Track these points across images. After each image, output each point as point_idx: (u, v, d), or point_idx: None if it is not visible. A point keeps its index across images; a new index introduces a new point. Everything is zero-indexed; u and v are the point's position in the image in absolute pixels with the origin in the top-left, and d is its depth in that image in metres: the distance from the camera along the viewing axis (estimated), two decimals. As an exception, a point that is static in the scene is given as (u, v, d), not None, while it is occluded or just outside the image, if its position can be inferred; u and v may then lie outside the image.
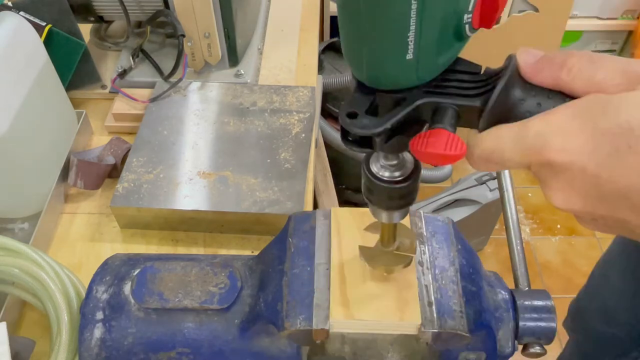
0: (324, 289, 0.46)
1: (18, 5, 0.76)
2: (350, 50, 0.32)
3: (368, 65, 0.32)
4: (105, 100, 0.88)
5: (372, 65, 0.32)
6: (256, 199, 0.67)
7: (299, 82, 0.90)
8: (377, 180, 0.38)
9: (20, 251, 0.55)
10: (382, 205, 0.40)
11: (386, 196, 0.39)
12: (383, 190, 0.38)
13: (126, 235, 0.70)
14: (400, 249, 0.47)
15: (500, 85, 0.32)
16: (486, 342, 0.47)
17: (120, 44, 0.92)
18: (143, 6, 0.83)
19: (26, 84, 0.66)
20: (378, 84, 0.33)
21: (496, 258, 1.83)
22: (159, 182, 0.69)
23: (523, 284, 0.54)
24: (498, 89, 0.32)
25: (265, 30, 0.99)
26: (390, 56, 0.31)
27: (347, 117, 0.33)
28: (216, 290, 0.50)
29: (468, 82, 0.34)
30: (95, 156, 0.75)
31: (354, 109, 0.33)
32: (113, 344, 0.49)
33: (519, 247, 0.56)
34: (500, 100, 0.32)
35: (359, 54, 0.32)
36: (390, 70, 0.32)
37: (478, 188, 1.59)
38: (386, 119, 0.33)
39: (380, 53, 0.31)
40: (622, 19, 1.98)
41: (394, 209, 0.41)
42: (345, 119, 0.33)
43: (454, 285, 0.46)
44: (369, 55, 0.31)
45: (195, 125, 0.76)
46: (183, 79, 0.83)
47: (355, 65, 0.33)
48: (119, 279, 0.52)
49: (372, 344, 0.49)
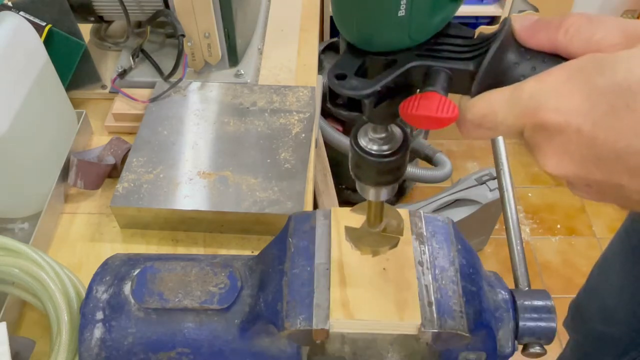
0: (324, 289, 0.46)
1: (18, 5, 0.76)
2: (341, 9, 0.31)
3: (359, 24, 0.31)
4: (105, 100, 0.88)
5: (362, 24, 0.31)
6: (256, 199, 0.67)
7: (299, 82, 0.90)
8: (366, 154, 0.37)
9: (20, 251, 0.55)
10: (370, 181, 0.39)
11: (375, 171, 0.38)
12: (371, 165, 0.38)
13: (126, 235, 0.70)
14: (387, 230, 0.46)
15: (493, 48, 0.31)
16: (486, 342, 0.47)
17: (120, 44, 0.92)
18: (143, 6, 0.83)
19: (26, 84, 0.66)
20: (369, 45, 0.32)
21: (496, 258, 1.83)
22: (159, 182, 0.69)
23: (523, 284, 0.54)
24: (492, 52, 0.31)
25: (265, 30, 0.99)
26: (381, 13, 0.30)
27: (335, 78, 0.32)
28: (216, 290, 0.50)
29: (461, 45, 0.33)
30: (95, 156, 0.75)
31: (343, 70, 0.32)
32: (113, 344, 0.49)
33: (519, 247, 0.56)
34: (494, 63, 0.31)
35: (349, 13, 0.31)
36: (382, 29, 0.31)
37: (478, 188, 1.59)
38: (376, 81, 0.32)
39: (372, 9, 0.30)
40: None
41: (382, 185, 0.40)
42: (333, 80, 0.32)
43: (454, 285, 0.46)
44: (359, 14, 0.30)
45: (195, 125, 0.76)
46: (183, 79, 0.83)
47: (346, 25, 0.32)
48: (119, 279, 0.52)
49: (372, 344, 0.49)
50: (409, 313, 0.45)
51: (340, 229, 0.50)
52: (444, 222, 0.51)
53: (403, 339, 0.49)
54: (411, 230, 0.50)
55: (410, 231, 0.50)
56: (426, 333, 0.44)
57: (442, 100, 0.30)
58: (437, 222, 0.51)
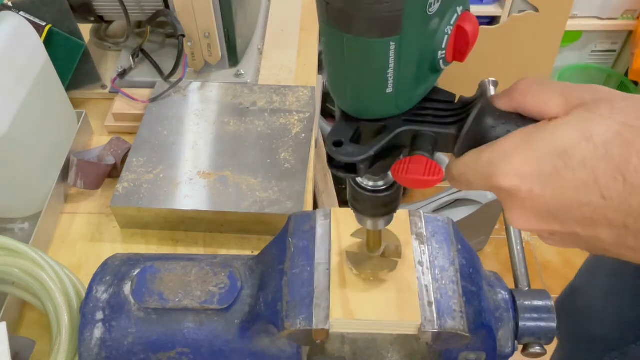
0: (324, 289, 0.46)
1: (18, 5, 0.76)
2: (335, 85, 0.35)
3: (351, 99, 0.34)
4: (105, 100, 0.88)
5: (355, 99, 0.34)
6: (256, 199, 0.67)
7: (299, 82, 0.90)
8: (362, 189, 0.40)
9: (20, 251, 0.55)
10: (367, 213, 0.42)
11: (370, 204, 0.41)
12: (367, 199, 0.40)
13: (126, 235, 0.70)
14: (386, 254, 0.47)
15: (473, 114, 0.35)
16: (486, 342, 0.47)
17: (120, 44, 0.92)
18: (143, 6, 0.83)
19: (26, 84, 0.66)
20: (361, 114, 0.36)
21: (496, 258, 1.83)
22: (159, 182, 0.69)
23: (523, 284, 0.54)
24: (471, 118, 0.35)
25: (265, 30, 0.99)
26: (371, 91, 0.33)
27: (333, 145, 0.35)
28: (216, 290, 0.50)
29: (444, 110, 0.36)
30: (95, 156, 0.75)
31: (340, 137, 0.36)
32: (113, 344, 0.49)
33: (519, 247, 0.56)
34: (473, 128, 0.35)
35: (343, 89, 0.34)
36: (372, 103, 0.34)
37: (478, 188, 1.58)
38: (369, 147, 0.35)
39: (363, 89, 0.33)
40: (622, 19, 1.98)
41: (379, 217, 0.42)
42: (331, 147, 0.35)
43: (454, 285, 0.46)
44: (352, 90, 0.34)
45: (195, 125, 0.76)
46: (183, 79, 0.83)
47: (340, 98, 0.35)
48: (119, 279, 0.52)
49: (372, 344, 0.49)
50: (409, 313, 0.45)
51: (340, 229, 0.50)
52: (444, 222, 0.51)
53: (403, 339, 0.49)
54: (411, 230, 0.50)
55: (410, 231, 0.50)
56: (426, 333, 0.44)
57: (429, 163, 0.34)
58: (437, 222, 0.51)
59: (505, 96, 0.36)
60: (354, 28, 0.29)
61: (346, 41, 0.30)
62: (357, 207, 0.42)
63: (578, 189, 0.31)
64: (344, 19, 0.29)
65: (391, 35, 0.29)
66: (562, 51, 2.05)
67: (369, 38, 0.30)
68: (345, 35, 0.30)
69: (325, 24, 0.31)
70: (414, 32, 0.30)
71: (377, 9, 0.28)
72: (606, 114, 0.31)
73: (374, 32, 0.29)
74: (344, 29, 0.30)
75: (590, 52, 2.11)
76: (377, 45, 0.30)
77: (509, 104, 0.35)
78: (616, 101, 0.32)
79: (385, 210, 0.42)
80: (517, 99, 0.35)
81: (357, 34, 0.30)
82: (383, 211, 0.42)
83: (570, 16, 1.87)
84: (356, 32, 0.30)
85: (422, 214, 0.52)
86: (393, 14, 0.28)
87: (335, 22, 0.30)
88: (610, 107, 0.31)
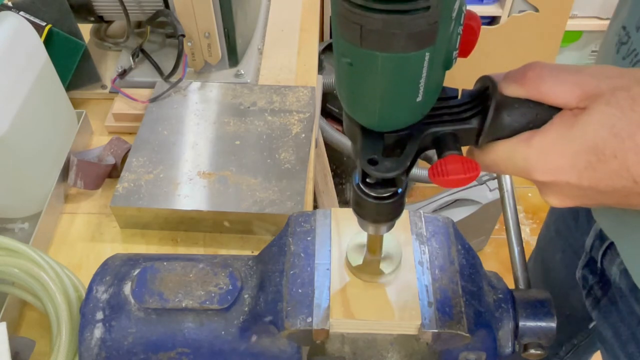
0: (324, 289, 0.46)
1: (18, 5, 0.76)
2: (360, 104, 0.34)
3: (380, 114, 0.34)
4: (105, 100, 0.88)
5: (384, 113, 0.34)
6: (256, 199, 0.67)
7: (299, 82, 0.90)
8: (366, 195, 0.40)
9: (20, 251, 0.55)
10: (370, 218, 0.42)
11: (374, 211, 0.41)
12: (371, 206, 0.40)
13: (126, 235, 0.70)
14: (386, 258, 0.47)
15: (492, 105, 0.37)
16: (486, 342, 0.47)
17: (120, 44, 0.92)
18: (143, 6, 0.83)
19: (26, 84, 0.66)
20: (387, 127, 0.36)
21: (496, 258, 1.83)
22: (159, 182, 0.69)
23: (523, 284, 0.54)
24: (491, 109, 0.37)
25: (265, 30, 0.99)
26: (403, 102, 0.33)
27: (369, 164, 0.36)
28: (216, 290, 0.50)
29: (457, 106, 0.38)
30: (95, 156, 0.75)
31: (371, 155, 0.36)
32: (113, 344, 0.49)
33: (519, 247, 0.56)
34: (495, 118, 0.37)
35: (371, 107, 0.34)
36: (402, 114, 0.35)
37: (478, 188, 1.59)
38: (405, 157, 0.36)
39: (395, 102, 0.33)
40: (622, 19, 1.98)
41: (381, 223, 0.42)
42: (368, 167, 0.36)
43: (454, 285, 0.46)
44: (382, 106, 0.33)
45: (195, 125, 0.76)
46: (183, 79, 0.82)
47: (366, 116, 0.35)
48: (119, 279, 0.52)
49: (372, 344, 0.49)
50: (409, 313, 0.45)
51: (340, 229, 0.50)
52: (444, 222, 0.51)
53: (403, 339, 0.49)
54: (411, 230, 0.50)
55: (410, 231, 0.50)
56: (426, 333, 0.44)
57: (465, 161, 0.35)
58: (437, 222, 0.51)
59: (515, 83, 0.37)
60: (392, 46, 0.29)
61: (381, 60, 0.30)
62: (360, 213, 0.42)
63: (612, 177, 0.35)
64: (382, 39, 0.28)
65: (427, 46, 0.29)
66: (562, 51, 2.05)
67: (407, 53, 0.29)
68: (381, 55, 0.29)
69: (356, 46, 0.30)
70: (443, 38, 0.30)
71: (418, 24, 0.28)
72: (627, 106, 0.34)
73: (413, 46, 0.29)
74: (381, 48, 0.29)
75: (590, 52, 2.11)
76: (414, 58, 0.30)
77: (519, 92, 0.37)
78: (632, 89, 0.34)
79: (388, 216, 0.41)
80: (529, 86, 0.37)
81: (395, 51, 0.29)
82: (386, 217, 0.42)
83: (570, 16, 1.87)
84: (394, 49, 0.29)
85: (422, 214, 0.52)
86: (431, 26, 0.28)
87: (371, 44, 0.29)
88: (629, 98, 0.34)
